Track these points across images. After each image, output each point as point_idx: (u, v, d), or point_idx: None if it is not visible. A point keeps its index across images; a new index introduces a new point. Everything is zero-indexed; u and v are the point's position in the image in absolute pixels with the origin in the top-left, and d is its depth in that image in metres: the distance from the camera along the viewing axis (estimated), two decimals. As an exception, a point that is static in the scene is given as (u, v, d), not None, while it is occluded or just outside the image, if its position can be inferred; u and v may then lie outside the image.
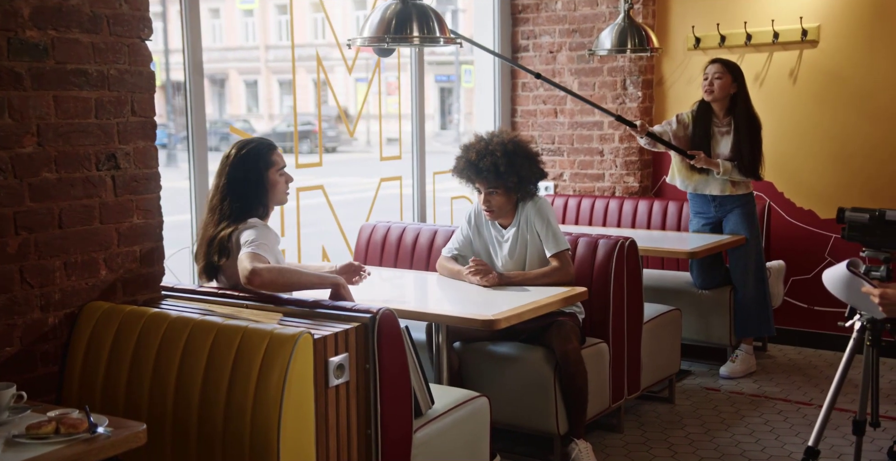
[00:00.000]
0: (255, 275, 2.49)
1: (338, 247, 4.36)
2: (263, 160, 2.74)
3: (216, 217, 2.73)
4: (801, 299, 4.75)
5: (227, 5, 24.66)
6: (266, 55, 24.44)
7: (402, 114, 4.66)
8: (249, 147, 2.76)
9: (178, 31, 3.54)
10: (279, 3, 23.16)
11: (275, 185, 2.76)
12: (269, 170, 2.75)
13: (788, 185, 4.74)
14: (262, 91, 24.79)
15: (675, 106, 4.96)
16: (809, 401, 3.93)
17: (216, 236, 2.69)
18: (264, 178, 2.73)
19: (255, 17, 24.76)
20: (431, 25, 3.14)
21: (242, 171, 2.72)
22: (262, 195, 2.74)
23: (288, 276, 2.56)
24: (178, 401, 2.23)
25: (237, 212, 2.70)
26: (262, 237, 2.61)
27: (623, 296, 3.50)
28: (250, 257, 2.53)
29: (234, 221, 2.69)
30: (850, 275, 2.49)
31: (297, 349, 2.15)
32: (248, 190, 2.72)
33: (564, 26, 5.14)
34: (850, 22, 4.49)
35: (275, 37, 24.15)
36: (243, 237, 2.61)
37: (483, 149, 3.31)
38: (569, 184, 5.25)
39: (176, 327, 2.31)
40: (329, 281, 2.66)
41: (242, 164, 2.73)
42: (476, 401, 2.83)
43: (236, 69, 24.75)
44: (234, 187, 2.72)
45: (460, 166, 3.37)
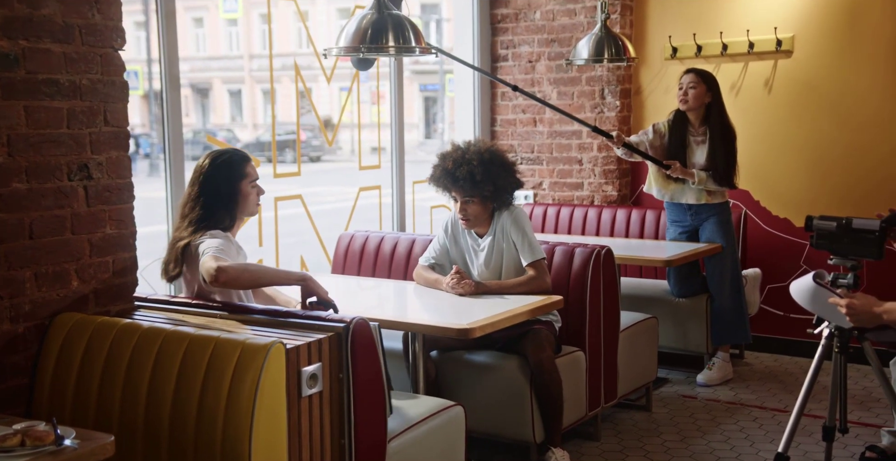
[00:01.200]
0: (222, 272, 2.47)
1: (316, 256, 4.36)
2: (237, 171, 2.75)
3: (185, 224, 2.73)
4: (777, 307, 4.78)
5: (211, 14, 24.65)
6: (250, 64, 24.43)
7: (385, 123, 4.67)
8: (224, 158, 2.77)
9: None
10: (263, 12, 23.16)
11: (246, 197, 2.77)
12: (243, 181, 2.76)
13: (764, 194, 4.78)
14: (245, 100, 24.76)
15: (652, 115, 5.00)
16: (784, 408, 3.95)
17: (175, 244, 2.70)
18: (236, 190, 2.74)
19: (238, 26, 24.75)
20: (407, 35, 3.16)
21: (215, 182, 2.73)
22: (232, 206, 2.75)
23: (253, 272, 2.56)
24: (150, 411, 2.23)
25: (203, 221, 2.71)
26: (222, 246, 2.61)
27: (599, 304, 3.51)
28: (214, 258, 2.52)
29: (196, 231, 2.69)
30: (817, 286, 2.52)
31: (269, 359, 2.15)
32: (219, 200, 2.73)
33: (543, 36, 5.17)
34: (824, 32, 4.54)
35: (259, 46, 24.14)
36: (203, 246, 2.61)
37: (459, 157, 3.33)
38: (548, 192, 5.27)
39: (147, 338, 2.30)
40: (296, 276, 2.66)
41: (216, 174, 2.74)
42: (451, 410, 2.83)
43: (220, 78, 24.72)
44: (206, 197, 2.72)
45: (437, 175, 3.39)
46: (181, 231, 2.72)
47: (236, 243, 2.75)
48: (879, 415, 3.83)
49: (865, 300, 2.40)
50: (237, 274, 2.51)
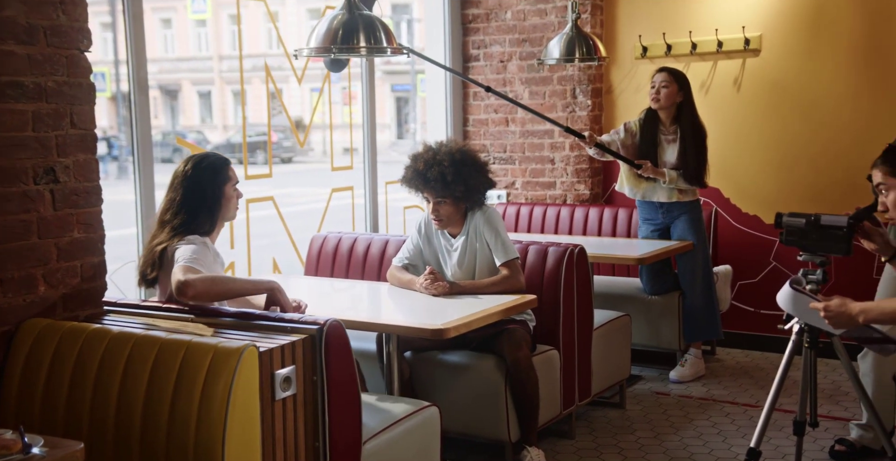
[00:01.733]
0: (187, 287, 2.45)
1: (289, 258, 4.34)
2: (221, 175, 2.73)
3: (165, 230, 2.69)
4: (748, 303, 4.83)
5: (179, 15, 24.43)
6: (220, 65, 24.24)
7: (357, 123, 4.66)
8: (207, 162, 2.74)
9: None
10: (232, 12, 22.98)
11: (229, 201, 2.75)
12: (227, 185, 2.74)
13: (734, 191, 4.83)
14: (215, 101, 24.57)
15: (624, 114, 5.03)
16: (756, 403, 4.00)
17: (154, 248, 2.66)
18: (220, 193, 2.72)
19: (207, 27, 24.55)
20: (378, 36, 3.15)
21: (200, 186, 2.69)
22: (214, 210, 2.72)
23: (221, 285, 2.52)
24: (120, 417, 2.20)
25: (184, 226, 2.67)
26: (198, 253, 2.58)
27: (573, 302, 3.53)
28: (183, 269, 2.49)
29: (174, 236, 2.66)
30: (796, 292, 2.53)
31: (242, 362, 2.13)
32: (203, 205, 2.69)
33: (514, 36, 5.19)
34: (791, 31, 4.60)
35: (228, 47, 23.96)
36: (178, 253, 2.58)
37: (431, 158, 3.32)
38: (521, 192, 5.28)
39: (117, 343, 2.27)
40: (264, 286, 2.64)
41: (201, 178, 2.70)
42: (426, 411, 2.83)
43: (189, 79, 24.51)
44: (190, 202, 2.69)
45: (408, 176, 3.38)
46: (160, 236, 2.68)
47: (214, 249, 2.72)
48: (848, 409, 3.88)
49: (840, 302, 2.41)
50: (205, 287, 2.47)
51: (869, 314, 2.25)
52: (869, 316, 2.24)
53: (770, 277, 4.76)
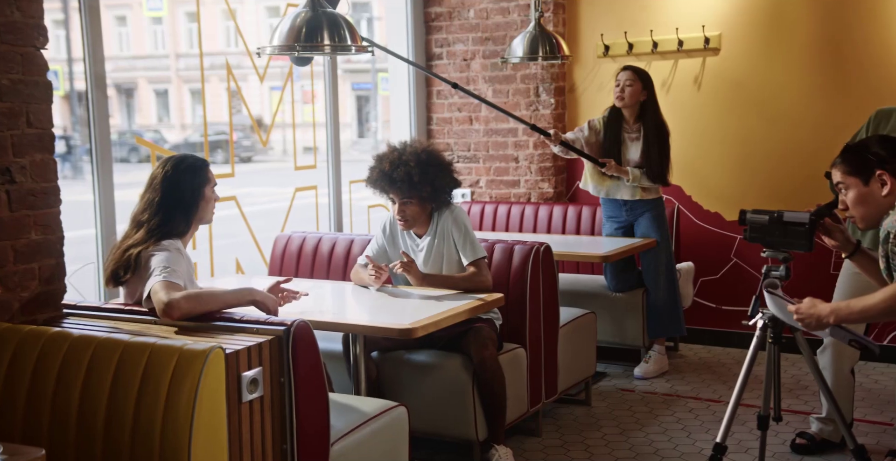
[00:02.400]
0: (173, 309, 2.40)
1: (252, 258, 4.28)
2: (201, 176, 2.69)
3: (140, 231, 2.63)
4: (710, 299, 4.89)
5: (135, 13, 24.02)
6: (176, 64, 23.89)
7: (319, 122, 4.62)
8: (187, 163, 2.70)
9: (80, 39, 3.44)
10: (189, 10, 22.66)
11: (207, 202, 2.71)
12: (206, 186, 2.70)
13: (695, 189, 4.88)
14: (173, 100, 24.21)
15: (587, 112, 5.06)
16: (719, 399, 4.04)
17: (129, 249, 2.61)
18: (200, 195, 2.68)
19: (163, 24, 24.18)
20: (342, 33, 3.12)
21: (180, 187, 2.65)
22: (191, 212, 2.67)
23: (205, 302, 2.47)
24: (82, 422, 2.15)
25: (160, 227, 2.62)
26: (173, 262, 2.52)
27: (539, 300, 3.53)
28: (165, 287, 2.43)
29: (149, 239, 2.60)
30: (773, 296, 2.54)
31: (209, 365, 2.09)
32: (180, 206, 2.65)
33: (477, 34, 5.19)
34: (750, 31, 4.66)
35: (185, 45, 23.62)
36: (153, 262, 2.52)
37: (396, 159, 3.31)
38: (485, 190, 5.29)
39: (78, 346, 2.22)
40: (246, 298, 2.60)
41: (179, 179, 2.66)
42: (394, 411, 2.81)
43: (145, 78, 24.12)
44: (168, 203, 2.64)
45: (374, 177, 3.36)
46: (136, 238, 2.62)
47: (187, 256, 2.67)
48: (808, 403, 3.95)
49: (811, 303, 2.38)
50: (189, 307, 2.42)
51: (839, 313, 2.24)
52: (840, 315, 2.22)
53: (731, 274, 4.83)
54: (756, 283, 4.74)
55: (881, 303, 2.06)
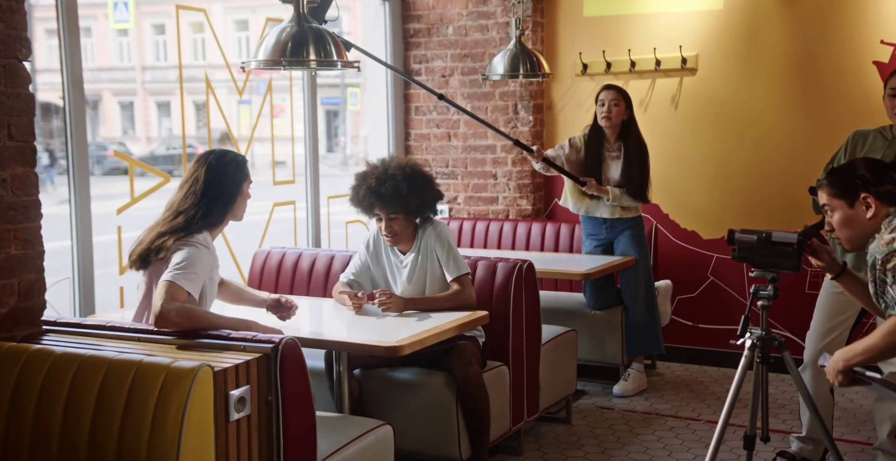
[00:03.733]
0: (163, 320, 2.40)
1: (230, 273, 4.21)
2: (242, 171, 2.76)
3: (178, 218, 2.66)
4: (687, 317, 4.92)
5: (100, 24, 23.74)
6: (142, 76, 23.63)
7: (289, 136, 4.57)
8: (230, 156, 2.77)
9: (46, 49, 3.38)
10: (155, 22, 22.47)
11: (245, 198, 2.77)
12: (244, 182, 2.76)
13: (673, 207, 4.92)
14: (138, 113, 23.92)
15: (564, 130, 5.08)
16: (698, 417, 4.05)
17: (164, 234, 2.63)
18: (238, 190, 2.74)
19: (130, 36, 23.93)
20: (328, 49, 3.10)
21: (222, 179, 2.70)
22: (228, 206, 2.73)
23: (196, 321, 2.44)
24: (65, 443, 2.08)
25: (199, 219, 2.65)
26: (194, 262, 2.53)
27: (522, 318, 3.52)
28: (167, 289, 2.43)
29: (186, 229, 2.63)
30: None
31: (197, 383, 2.05)
32: (221, 197, 2.70)
33: (456, 51, 5.19)
34: (726, 51, 4.73)
35: (151, 57, 23.39)
36: (177, 256, 2.55)
37: (382, 174, 3.28)
38: (463, 207, 5.28)
39: (61, 364, 2.15)
40: (243, 326, 2.55)
41: (223, 171, 2.71)
42: (380, 430, 2.77)
43: (110, 90, 23.82)
44: (210, 195, 2.68)
45: (360, 195, 3.32)
46: (172, 224, 2.65)
47: (213, 251, 2.70)
48: (785, 421, 3.97)
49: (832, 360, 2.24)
50: (179, 322, 2.42)
51: (845, 356, 2.15)
52: (846, 357, 2.13)
53: (708, 292, 4.86)
54: (733, 302, 4.78)
55: (881, 341, 2.01)
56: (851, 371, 2.04)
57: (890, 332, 1.98)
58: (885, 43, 4.39)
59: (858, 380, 2.05)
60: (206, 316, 2.47)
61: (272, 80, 4.44)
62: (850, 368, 2.03)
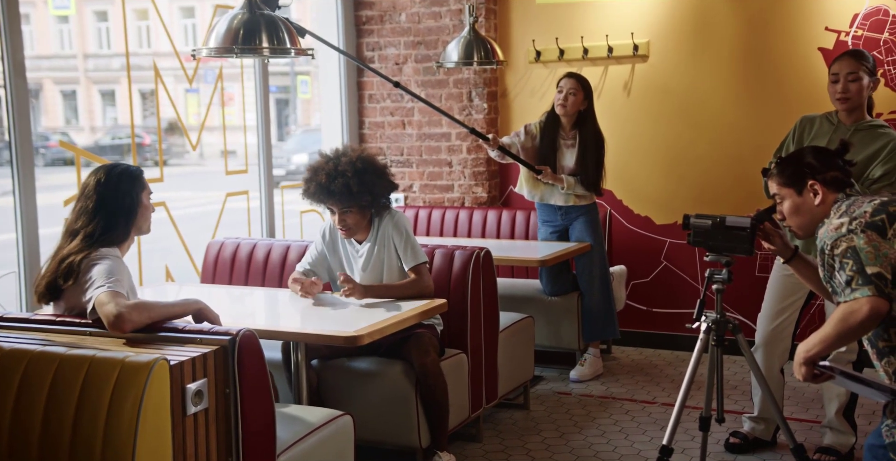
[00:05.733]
0: (124, 321, 2.30)
1: (182, 265, 4.15)
2: (139, 183, 2.61)
3: (77, 239, 2.51)
4: (641, 302, 4.98)
5: (39, 11, 23.07)
6: (85, 64, 23.06)
7: (240, 125, 4.51)
8: (120, 169, 2.62)
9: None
10: (97, 9, 21.91)
11: (146, 210, 2.62)
12: (143, 192, 2.62)
13: (626, 193, 4.97)
14: (81, 102, 23.35)
15: (519, 117, 5.09)
16: (653, 400, 4.11)
17: (67, 257, 2.48)
18: (138, 201, 2.59)
19: (70, 23, 23.31)
20: (281, 36, 3.05)
21: (116, 193, 2.55)
22: (130, 220, 2.58)
23: (153, 313, 2.37)
24: (14, 443, 2.03)
25: (98, 234, 2.51)
26: (116, 271, 2.42)
27: (480, 306, 3.52)
28: (111, 297, 2.33)
29: (89, 246, 2.49)
30: None
31: (153, 377, 2.01)
32: (120, 213, 2.55)
33: (409, 38, 5.16)
34: (676, 38, 4.77)
35: (94, 45, 22.82)
36: (95, 271, 2.41)
37: (332, 170, 3.23)
38: (418, 195, 5.26)
39: (10, 360, 2.09)
40: (191, 307, 2.51)
41: (116, 184, 2.56)
42: (339, 420, 2.76)
43: (51, 79, 23.19)
44: (106, 210, 2.53)
45: (311, 190, 3.29)
46: (72, 246, 2.50)
47: (125, 263, 2.56)
48: (737, 402, 4.05)
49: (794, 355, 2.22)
50: (139, 318, 2.33)
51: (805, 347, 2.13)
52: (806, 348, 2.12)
53: (661, 277, 4.92)
54: (686, 286, 4.85)
55: (833, 329, 2.04)
56: (813, 363, 2.07)
57: (840, 320, 2.02)
58: (830, 29, 4.47)
59: (822, 373, 2.08)
60: (157, 306, 2.41)
61: (223, 68, 4.37)
62: (810, 360, 2.07)
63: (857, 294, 2.00)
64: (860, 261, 2.03)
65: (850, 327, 2.01)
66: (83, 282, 2.41)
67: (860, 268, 2.02)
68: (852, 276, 2.03)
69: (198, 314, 2.51)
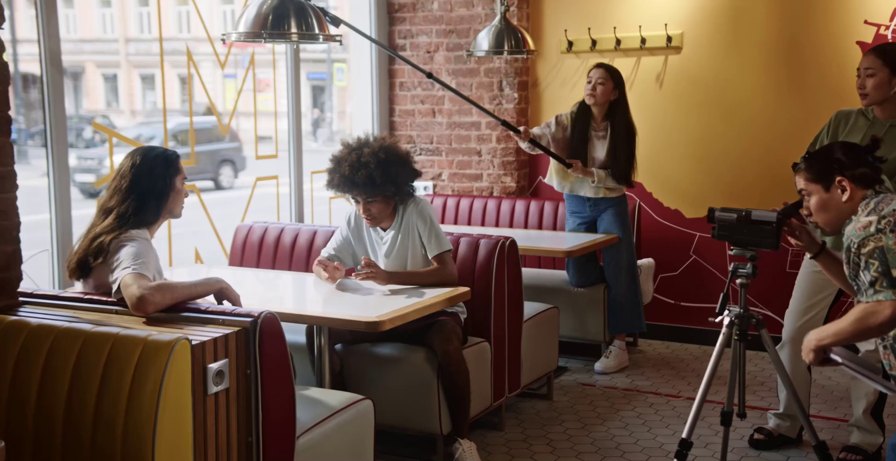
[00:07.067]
0: (147, 303, 2.33)
1: (212, 248, 4.20)
2: (173, 166, 2.65)
3: (108, 217, 2.57)
4: (669, 295, 4.94)
5: (83, -5, 23.41)
6: (126, 48, 23.35)
7: (275, 111, 4.54)
8: (156, 152, 2.66)
9: (27, 19, 3.33)
10: (139, -7, 22.17)
11: (178, 194, 2.66)
12: (177, 176, 2.65)
13: (656, 186, 4.93)
14: (122, 85, 23.67)
15: (549, 107, 5.06)
16: (678, 394, 4.09)
17: (98, 236, 2.53)
18: (170, 184, 2.63)
19: (113, 7, 23.60)
20: (310, 22, 3.07)
21: (150, 174, 2.60)
22: (161, 203, 2.62)
23: (175, 293, 2.41)
24: (41, 414, 2.08)
25: (130, 215, 2.56)
26: (143, 254, 2.46)
27: (504, 295, 3.53)
28: (136, 279, 2.37)
29: (120, 227, 2.54)
30: None
31: (174, 356, 2.04)
32: (152, 196, 2.60)
33: (441, 26, 5.15)
34: (711, 29, 4.71)
35: (135, 29, 23.08)
36: (123, 252, 2.45)
37: (356, 161, 3.24)
38: (447, 184, 5.26)
39: (37, 336, 2.14)
40: (213, 286, 2.55)
41: (150, 167, 2.61)
42: (360, 404, 2.78)
43: (93, 62, 23.53)
44: (139, 191, 2.58)
45: (335, 181, 3.30)
46: (104, 225, 2.55)
47: (153, 246, 2.61)
48: (764, 398, 4.01)
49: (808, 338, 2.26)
50: (162, 300, 2.37)
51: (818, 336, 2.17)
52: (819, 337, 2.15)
53: (690, 271, 4.88)
54: (714, 281, 4.81)
55: (850, 326, 2.05)
56: (823, 351, 2.07)
57: (858, 319, 2.01)
58: (869, 23, 4.39)
59: (829, 360, 2.08)
60: (180, 287, 2.45)
61: (257, 55, 4.40)
62: (820, 349, 2.06)
63: (881, 296, 1.98)
64: (886, 262, 2.00)
65: (867, 328, 2.00)
66: (111, 262, 2.46)
67: (886, 269, 2.00)
68: (876, 278, 2.00)
69: (219, 293, 2.55)
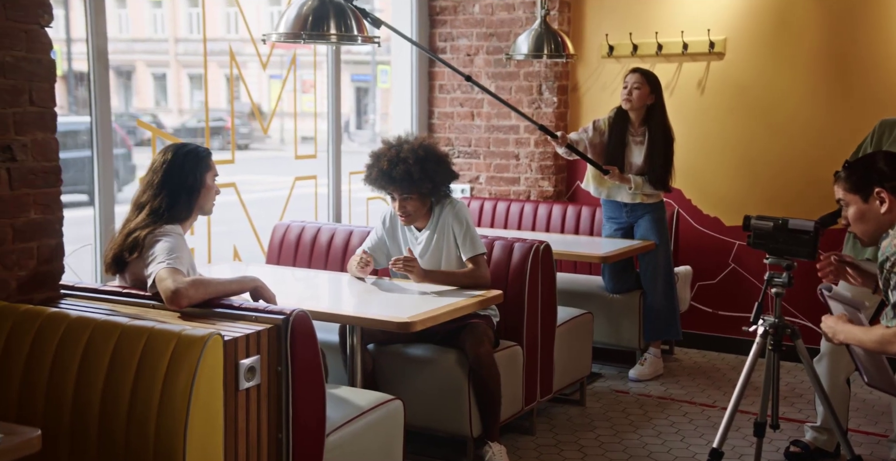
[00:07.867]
0: (181, 297, 2.38)
1: (250, 246, 4.26)
2: (204, 163, 2.70)
3: (142, 213, 2.62)
4: (706, 304, 4.88)
5: (134, -5, 23.87)
6: (175, 48, 23.76)
7: (318, 112, 4.59)
8: (188, 148, 2.72)
9: (80, 18, 3.40)
10: (190, -5, 22.54)
11: (209, 190, 2.71)
12: (208, 173, 2.70)
13: (696, 193, 4.87)
14: (171, 85, 24.08)
15: (589, 112, 5.04)
16: (713, 403, 4.04)
17: (133, 232, 2.59)
18: (201, 181, 2.68)
19: (163, 8, 24.04)
20: (349, 23, 3.10)
21: (181, 171, 2.65)
22: (193, 199, 2.67)
23: (209, 288, 2.45)
24: (77, 405, 2.12)
25: (163, 211, 2.61)
26: (177, 249, 2.51)
27: (537, 299, 3.52)
28: (171, 274, 2.41)
29: (154, 222, 2.59)
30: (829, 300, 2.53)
31: (207, 351, 2.07)
32: (183, 191, 2.65)
33: (482, 30, 5.16)
34: (754, 36, 4.65)
35: (185, 29, 23.48)
36: (158, 247, 2.50)
37: (394, 157, 3.27)
38: (485, 187, 5.27)
39: (76, 328, 2.19)
40: (248, 284, 2.58)
41: (182, 163, 2.66)
42: (390, 404, 2.80)
43: (144, 61, 23.98)
44: (171, 186, 2.63)
45: (373, 176, 3.34)
46: (138, 221, 2.61)
47: (186, 241, 2.66)
48: (802, 411, 3.95)
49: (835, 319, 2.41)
50: (196, 295, 2.41)
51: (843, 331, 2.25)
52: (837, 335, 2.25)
53: (728, 279, 4.82)
54: (754, 290, 4.74)
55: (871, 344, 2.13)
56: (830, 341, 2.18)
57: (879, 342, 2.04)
58: (921, 30, 4.29)
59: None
60: (214, 283, 2.49)
61: (300, 56, 4.45)
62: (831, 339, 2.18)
63: None
64: None
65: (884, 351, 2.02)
66: (146, 256, 2.51)
67: None
68: None
69: (254, 291, 2.58)
